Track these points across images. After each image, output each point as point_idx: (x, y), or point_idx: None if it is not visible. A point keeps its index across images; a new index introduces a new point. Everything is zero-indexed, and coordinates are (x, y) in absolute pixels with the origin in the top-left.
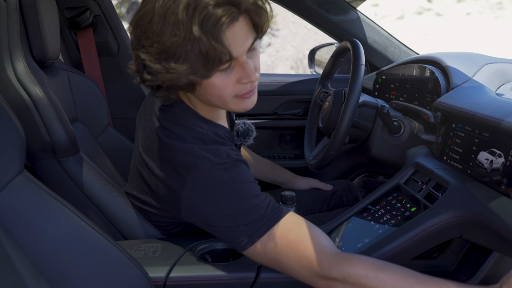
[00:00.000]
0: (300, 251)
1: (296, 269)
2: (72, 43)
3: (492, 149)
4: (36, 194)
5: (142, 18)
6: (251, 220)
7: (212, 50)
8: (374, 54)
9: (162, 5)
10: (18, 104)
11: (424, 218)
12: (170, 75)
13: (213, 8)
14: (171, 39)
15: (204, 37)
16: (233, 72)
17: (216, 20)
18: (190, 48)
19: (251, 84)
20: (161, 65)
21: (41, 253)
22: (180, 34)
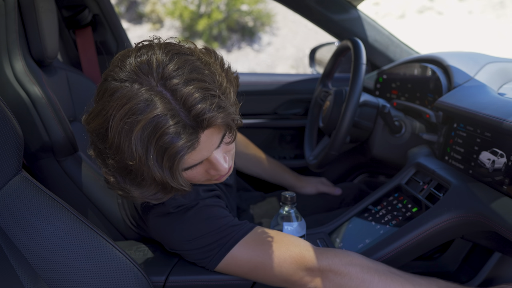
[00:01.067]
0: (276, 253)
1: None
2: (70, 42)
3: (494, 149)
4: (34, 194)
5: (97, 128)
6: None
7: (168, 184)
8: (375, 53)
9: (116, 123)
10: (17, 104)
11: (425, 219)
12: (123, 193)
13: (171, 139)
14: (126, 161)
15: (159, 172)
16: (201, 165)
17: (171, 155)
18: (146, 176)
19: (222, 173)
20: (116, 180)
21: (39, 254)
22: (135, 160)
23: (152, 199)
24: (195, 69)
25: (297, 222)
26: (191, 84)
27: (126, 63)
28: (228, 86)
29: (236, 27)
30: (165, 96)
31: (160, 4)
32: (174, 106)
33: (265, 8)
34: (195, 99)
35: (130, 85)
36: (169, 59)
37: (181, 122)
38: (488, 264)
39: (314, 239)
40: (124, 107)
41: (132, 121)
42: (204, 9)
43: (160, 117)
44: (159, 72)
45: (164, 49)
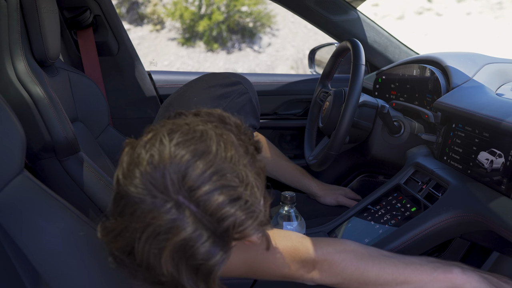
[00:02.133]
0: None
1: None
2: (72, 43)
3: (492, 149)
4: (36, 194)
5: (121, 246)
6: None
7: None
8: (374, 54)
9: (142, 244)
10: (19, 104)
11: (424, 218)
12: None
13: (203, 257)
14: (158, 277)
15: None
16: None
17: (206, 274)
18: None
19: None
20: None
21: (41, 253)
22: (168, 278)
23: None
24: (217, 172)
25: (297, 221)
26: (217, 193)
27: (135, 175)
28: (253, 179)
29: (236, 28)
30: (191, 210)
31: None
32: (202, 221)
33: (265, 9)
34: (224, 212)
35: (151, 200)
36: (187, 163)
37: (211, 239)
38: (487, 263)
39: None
40: (149, 229)
41: (160, 243)
42: (204, 10)
43: (189, 237)
44: (174, 183)
45: (178, 147)
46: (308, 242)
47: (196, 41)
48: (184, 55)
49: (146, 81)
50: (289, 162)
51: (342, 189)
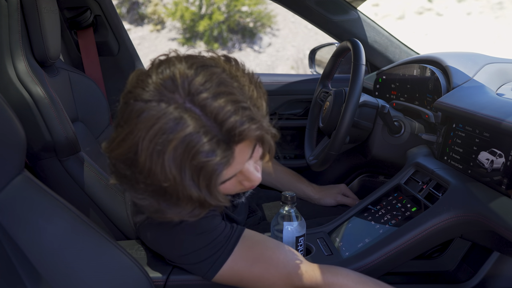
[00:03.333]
0: (265, 268)
1: (270, 285)
2: (72, 43)
3: (493, 149)
4: (37, 194)
5: (124, 153)
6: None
7: (206, 201)
8: (374, 54)
9: (147, 145)
10: (19, 104)
11: (424, 218)
12: (158, 215)
13: (206, 157)
14: (160, 183)
15: (196, 191)
16: (234, 177)
17: (208, 174)
18: (183, 196)
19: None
20: (149, 203)
21: (41, 253)
22: (171, 182)
23: (189, 216)
24: (223, 82)
25: (297, 221)
26: (221, 97)
27: (148, 82)
28: (258, 97)
29: (236, 28)
30: (195, 112)
31: (161, 5)
32: (205, 122)
33: (265, 9)
34: (226, 112)
35: (157, 104)
36: (194, 72)
37: (214, 139)
38: (487, 263)
39: (314, 239)
40: (154, 127)
41: (163, 141)
42: (205, 10)
43: (192, 135)
44: (185, 87)
45: (187, 62)
46: (304, 270)
47: (196, 41)
48: None
49: None
50: (284, 168)
51: (338, 187)
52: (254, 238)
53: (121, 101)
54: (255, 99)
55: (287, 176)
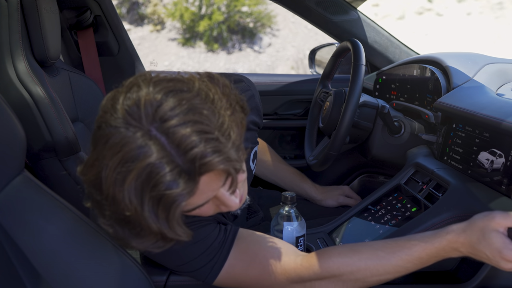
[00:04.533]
0: (263, 266)
1: (269, 285)
2: (72, 43)
3: (493, 149)
4: (37, 194)
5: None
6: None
7: (167, 233)
8: (374, 54)
9: (109, 174)
10: (20, 104)
11: (424, 218)
12: (123, 243)
13: (166, 188)
14: (122, 212)
15: (155, 223)
16: (210, 202)
17: (167, 205)
18: (144, 226)
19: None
20: (114, 230)
21: (41, 253)
22: (132, 211)
23: (153, 248)
24: (192, 108)
25: (297, 221)
26: (187, 126)
27: (116, 107)
28: (230, 125)
29: (236, 28)
30: (160, 140)
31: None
32: (169, 151)
33: (265, 9)
34: (190, 142)
35: (125, 130)
36: (162, 97)
37: (177, 169)
38: (487, 263)
39: (314, 239)
40: (117, 155)
41: (125, 170)
42: (204, 10)
43: (154, 165)
44: (149, 114)
45: (155, 86)
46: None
47: (196, 41)
48: (184, 56)
49: None
50: (288, 167)
51: (341, 188)
52: (248, 239)
53: (95, 125)
54: (226, 128)
55: (291, 175)
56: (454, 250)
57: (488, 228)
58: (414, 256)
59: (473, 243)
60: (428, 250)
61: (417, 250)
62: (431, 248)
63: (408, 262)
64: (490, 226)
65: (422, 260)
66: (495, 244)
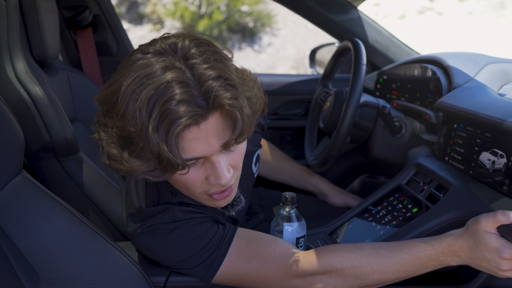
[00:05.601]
0: (262, 262)
1: (271, 279)
2: (71, 43)
3: (494, 149)
4: (35, 195)
5: (109, 96)
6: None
7: (163, 154)
8: (375, 53)
9: (128, 86)
10: (18, 104)
11: (425, 219)
12: (123, 167)
13: (176, 105)
14: (129, 127)
15: (156, 138)
16: (202, 168)
17: (172, 121)
18: (145, 145)
19: (224, 183)
20: (117, 152)
21: (39, 254)
22: (137, 126)
23: (151, 175)
24: (218, 58)
25: (298, 222)
26: (212, 69)
27: (154, 43)
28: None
29: (236, 28)
30: (183, 70)
31: (160, 4)
32: (189, 80)
33: (265, 8)
34: (209, 76)
35: (153, 57)
36: (194, 45)
37: (190, 92)
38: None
39: (314, 240)
40: (140, 72)
41: (143, 84)
42: (204, 9)
43: (171, 83)
44: (183, 52)
45: (190, 37)
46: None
47: None
48: None
49: None
50: (294, 163)
51: (352, 195)
52: (248, 235)
53: (129, 54)
54: (243, 79)
55: (299, 172)
56: (453, 255)
57: (479, 232)
58: (414, 256)
59: (471, 246)
60: (428, 251)
61: (416, 250)
62: (430, 250)
63: (408, 261)
64: (479, 229)
65: (421, 261)
66: (492, 245)
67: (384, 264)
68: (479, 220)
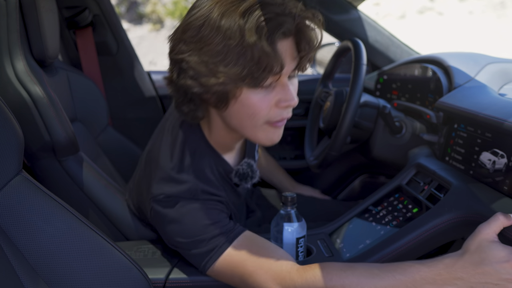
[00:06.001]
0: (258, 265)
1: (261, 283)
2: (71, 43)
3: (495, 149)
4: (35, 195)
5: (192, 23)
6: (199, 250)
7: (264, 57)
8: (375, 53)
9: (219, 8)
10: (18, 103)
11: (426, 219)
12: (215, 80)
13: (273, 16)
14: (224, 42)
15: (259, 42)
16: (273, 92)
17: (274, 27)
18: (243, 53)
19: (288, 110)
20: (207, 69)
21: (39, 255)
22: (235, 38)
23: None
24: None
25: (298, 222)
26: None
27: None
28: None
29: None
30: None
31: (160, 4)
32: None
33: None
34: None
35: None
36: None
37: (282, 8)
38: None
39: (314, 240)
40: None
41: (233, 2)
42: None
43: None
44: None
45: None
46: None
47: None
48: None
49: (146, 81)
50: (267, 155)
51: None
52: (253, 237)
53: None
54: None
55: (270, 164)
56: (454, 279)
57: (484, 243)
58: (408, 278)
59: (476, 263)
60: (423, 272)
61: (411, 271)
62: (426, 271)
63: (401, 283)
64: (484, 239)
65: (416, 284)
66: (501, 254)
67: (376, 285)
68: (479, 231)
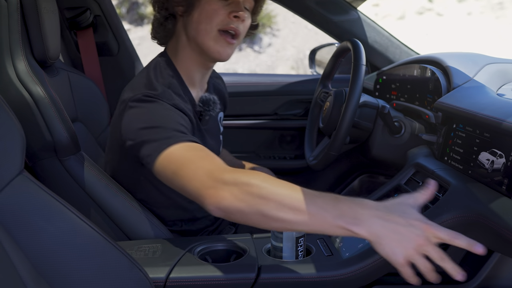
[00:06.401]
0: (195, 161)
1: (192, 177)
2: (72, 43)
3: (493, 149)
4: (36, 194)
5: None
6: (156, 137)
7: None
8: (374, 54)
9: None
10: (20, 103)
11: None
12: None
13: None
14: None
15: None
16: (229, 5)
17: None
18: None
19: (237, 23)
20: None
21: (41, 254)
22: None
23: None
24: None
25: None
26: None
27: None
28: None
29: None
30: None
31: None
32: None
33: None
34: None
35: None
36: None
37: None
38: (487, 264)
39: (314, 239)
40: None
41: None
42: None
43: None
44: None
45: None
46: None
47: None
48: None
49: None
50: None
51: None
52: (204, 148)
53: None
54: None
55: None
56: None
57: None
58: (315, 194)
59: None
60: (329, 196)
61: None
62: (331, 195)
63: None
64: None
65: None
66: (417, 214)
67: (288, 196)
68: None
